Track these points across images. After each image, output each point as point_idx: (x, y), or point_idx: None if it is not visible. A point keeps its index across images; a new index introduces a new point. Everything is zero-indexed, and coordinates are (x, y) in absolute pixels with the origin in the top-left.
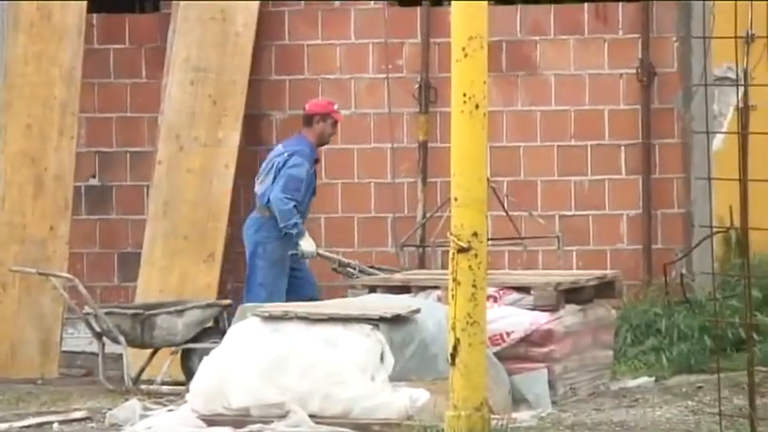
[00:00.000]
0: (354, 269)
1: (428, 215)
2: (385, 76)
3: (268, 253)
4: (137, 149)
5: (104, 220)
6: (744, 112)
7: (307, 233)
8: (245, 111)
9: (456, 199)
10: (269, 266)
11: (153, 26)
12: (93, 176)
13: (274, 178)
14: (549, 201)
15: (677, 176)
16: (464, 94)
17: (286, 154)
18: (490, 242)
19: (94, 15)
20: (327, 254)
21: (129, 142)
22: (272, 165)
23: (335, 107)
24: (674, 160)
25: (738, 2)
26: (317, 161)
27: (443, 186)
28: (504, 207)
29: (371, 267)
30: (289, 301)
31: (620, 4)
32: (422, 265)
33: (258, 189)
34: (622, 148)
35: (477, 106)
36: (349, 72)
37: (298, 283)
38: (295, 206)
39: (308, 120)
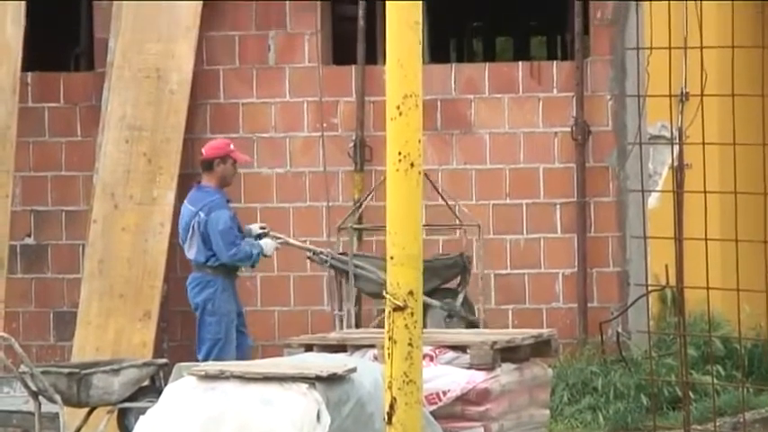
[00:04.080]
0: (327, 257)
1: (363, 200)
2: (320, 134)
3: (216, 308)
4: (72, 208)
5: (40, 278)
6: (679, 171)
7: (259, 242)
8: (180, 169)
9: (392, 257)
10: (218, 321)
11: (88, 84)
12: (29, 235)
13: (204, 241)
14: (485, 259)
15: (612, 235)
16: (399, 153)
17: (201, 213)
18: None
19: (29, 74)
20: (297, 243)
21: (64, 201)
22: (192, 227)
23: (232, 146)
24: (610, 219)
25: (672, 60)
26: (228, 201)
27: (378, 245)
28: (439, 193)
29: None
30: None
31: (555, 62)
32: (358, 324)
33: (190, 254)
34: (557, 206)
35: (412, 164)
36: (284, 130)
37: (239, 337)
38: (239, 245)
39: (209, 165)
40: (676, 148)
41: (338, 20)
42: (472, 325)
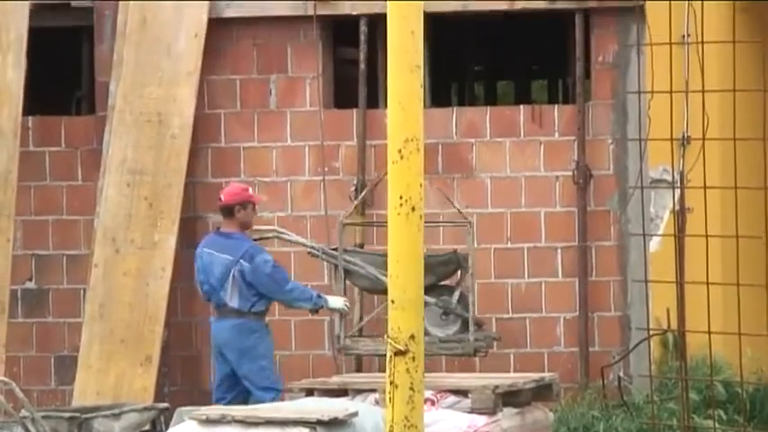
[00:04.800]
0: (318, 251)
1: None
2: (321, 178)
3: (267, 350)
4: (73, 252)
5: (41, 323)
6: (680, 215)
7: (326, 296)
8: (181, 213)
9: (393, 301)
10: (269, 362)
11: (89, 128)
12: (30, 279)
13: (248, 288)
14: (485, 303)
15: (614, 279)
16: (400, 197)
17: (243, 261)
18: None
19: (30, 118)
20: (292, 237)
21: (66, 245)
22: (232, 276)
23: (250, 190)
24: (611, 262)
25: (673, 104)
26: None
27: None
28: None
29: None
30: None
31: (556, 105)
32: (359, 368)
33: (232, 303)
34: (559, 250)
35: (413, 208)
36: (285, 174)
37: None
38: (293, 282)
39: (229, 211)
40: (678, 191)
41: (339, 63)
42: (468, 322)
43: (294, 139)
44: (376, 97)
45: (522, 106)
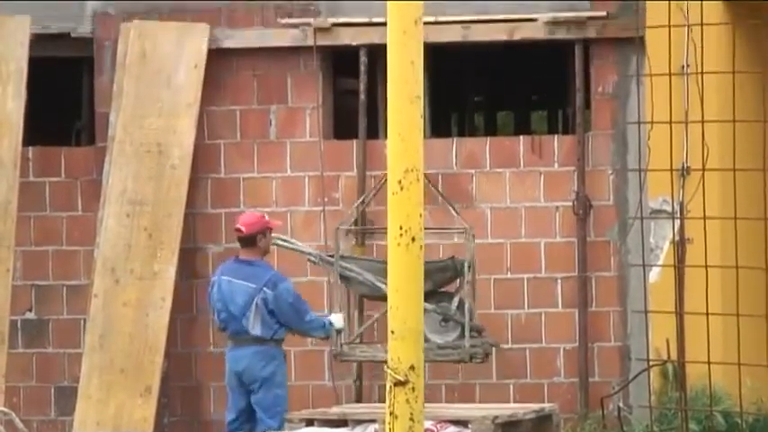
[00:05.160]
0: (315, 258)
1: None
2: (321, 208)
3: (283, 379)
4: (73, 282)
5: (41, 353)
6: (680, 246)
7: (327, 317)
8: (180, 244)
9: (393, 332)
10: (284, 391)
11: (88, 159)
12: (30, 310)
13: (270, 316)
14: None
15: (614, 309)
16: (400, 227)
17: (266, 290)
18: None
19: (30, 148)
20: (287, 244)
21: (65, 275)
22: (255, 305)
23: (266, 216)
24: (611, 293)
25: (673, 135)
26: None
27: (381, 319)
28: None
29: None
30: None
31: (556, 136)
32: (359, 398)
33: (254, 330)
34: (559, 280)
35: (413, 239)
36: (285, 205)
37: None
38: (312, 316)
39: (251, 241)
40: (677, 222)
41: (339, 94)
42: (470, 329)
43: (294, 169)
44: (376, 128)
45: (521, 137)
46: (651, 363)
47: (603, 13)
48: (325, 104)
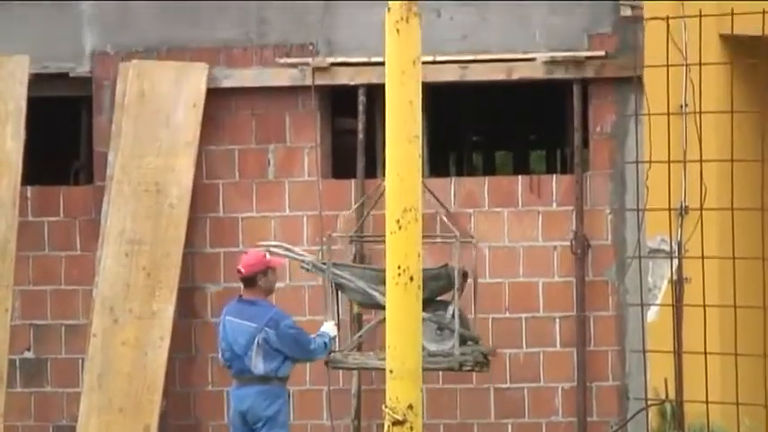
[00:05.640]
0: (308, 265)
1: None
2: (319, 248)
3: (286, 418)
4: (71, 322)
5: (39, 392)
6: (678, 285)
7: (322, 331)
8: (179, 283)
9: (391, 371)
10: (286, 431)
11: (87, 198)
12: (28, 349)
13: (273, 353)
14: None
15: (612, 348)
16: (398, 267)
17: (268, 329)
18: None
19: (29, 188)
20: (279, 250)
21: (64, 315)
22: (257, 343)
23: (267, 256)
24: (609, 332)
25: (671, 174)
26: None
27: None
28: (442, 205)
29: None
30: None
31: (554, 175)
32: (358, 415)
33: (257, 369)
34: (557, 319)
35: (411, 278)
36: None
37: None
38: (315, 340)
39: (252, 281)
40: (675, 261)
41: (337, 133)
42: (465, 338)
43: (292, 209)
44: (374, 167)
45: (520, 176)
46: (649, 402)
47: (602, 53)
48: (324, 144)
